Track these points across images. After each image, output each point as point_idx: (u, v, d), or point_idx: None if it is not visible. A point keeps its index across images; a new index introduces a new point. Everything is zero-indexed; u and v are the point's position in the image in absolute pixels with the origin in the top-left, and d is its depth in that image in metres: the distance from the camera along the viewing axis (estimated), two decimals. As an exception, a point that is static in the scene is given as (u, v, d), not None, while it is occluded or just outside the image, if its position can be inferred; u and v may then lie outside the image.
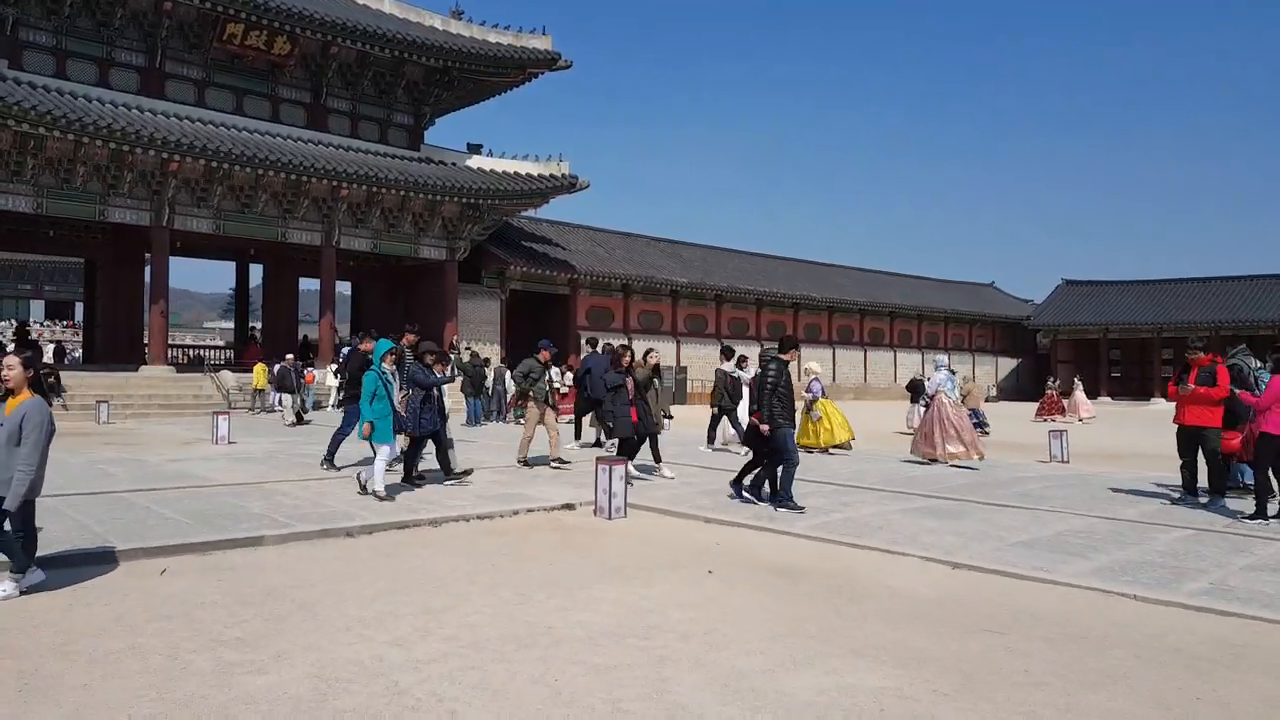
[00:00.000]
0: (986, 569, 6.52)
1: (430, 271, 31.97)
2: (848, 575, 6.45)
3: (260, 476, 10.46)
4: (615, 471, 8.88)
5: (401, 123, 31.16)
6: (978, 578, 6.40)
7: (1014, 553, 7.07)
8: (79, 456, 12.43)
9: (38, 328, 65.24)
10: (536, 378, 11.78)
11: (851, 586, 6.12)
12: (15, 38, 23.24)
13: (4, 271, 68.96)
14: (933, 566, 6.72)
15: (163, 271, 25.88)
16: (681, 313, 40.20)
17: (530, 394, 11.81)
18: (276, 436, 17.00)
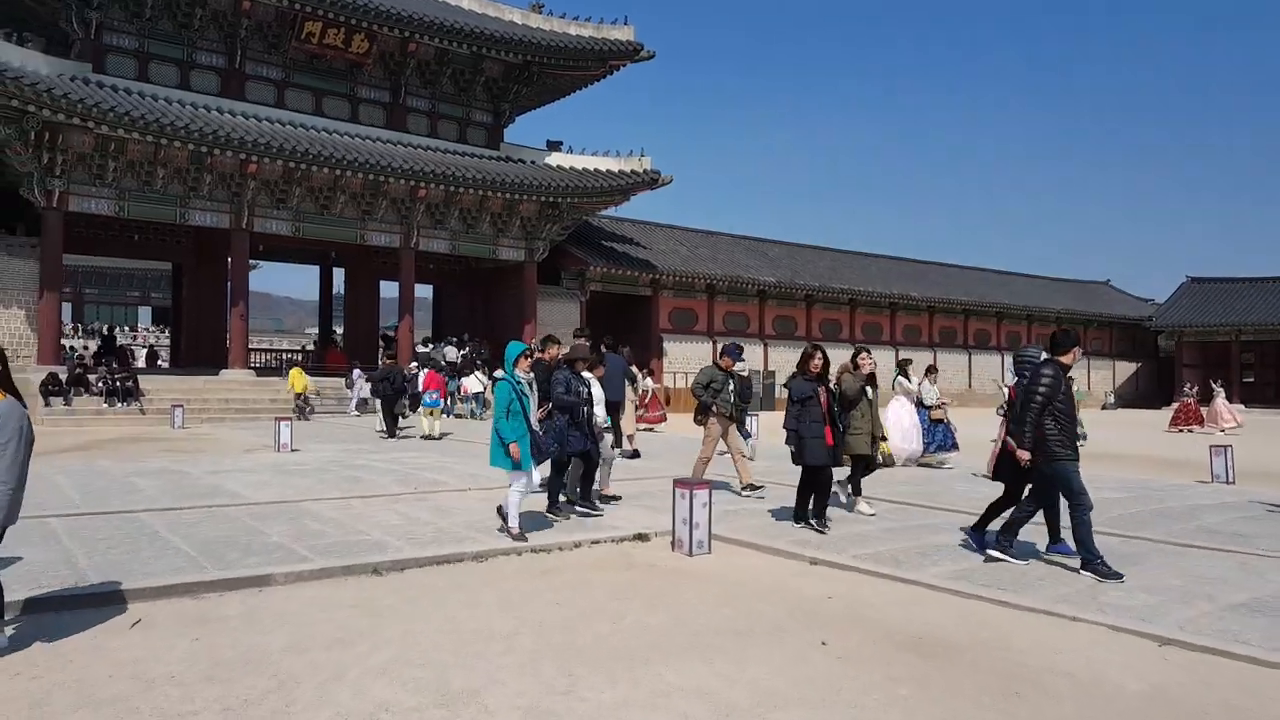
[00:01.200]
0: (1211, 648, 4.74)
1: (509, 273, 31.07)
2: (1008, 652, 4.78)
3: (300, 493, 9.36)
4: (697, 497, 7.37)
5: (480, 121, 30.38)
6: (1200, 661, 4.64)
7: (1238, 620, 5.25)
8: (126, 465, 11.67)
9: (143, 332, 67.80)
10: (719, 388, 10.03)
11: (1018, 672, 4.45)
12: (99, 42, 23.28)
13: (115, 279, 71.98)
14: (1127, 640, 4.97)
15: (242, 274, 25.64)
16: (769, 314, 38.33)
17: (714, 408, 9.97)
18: (346, 444, 16.11)
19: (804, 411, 8.06)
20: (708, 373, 10.24)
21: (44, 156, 21.39)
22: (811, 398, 8.08)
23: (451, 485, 10.25)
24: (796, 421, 8.06)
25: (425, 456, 13.57)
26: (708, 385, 10.07)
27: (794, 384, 8.25)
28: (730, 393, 10.09)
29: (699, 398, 10.16)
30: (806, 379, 8.22)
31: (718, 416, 10.00)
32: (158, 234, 28.38)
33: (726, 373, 10.16)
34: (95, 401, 20.58)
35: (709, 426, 10.10)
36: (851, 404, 8.78)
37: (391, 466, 11.86)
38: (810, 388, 8.15)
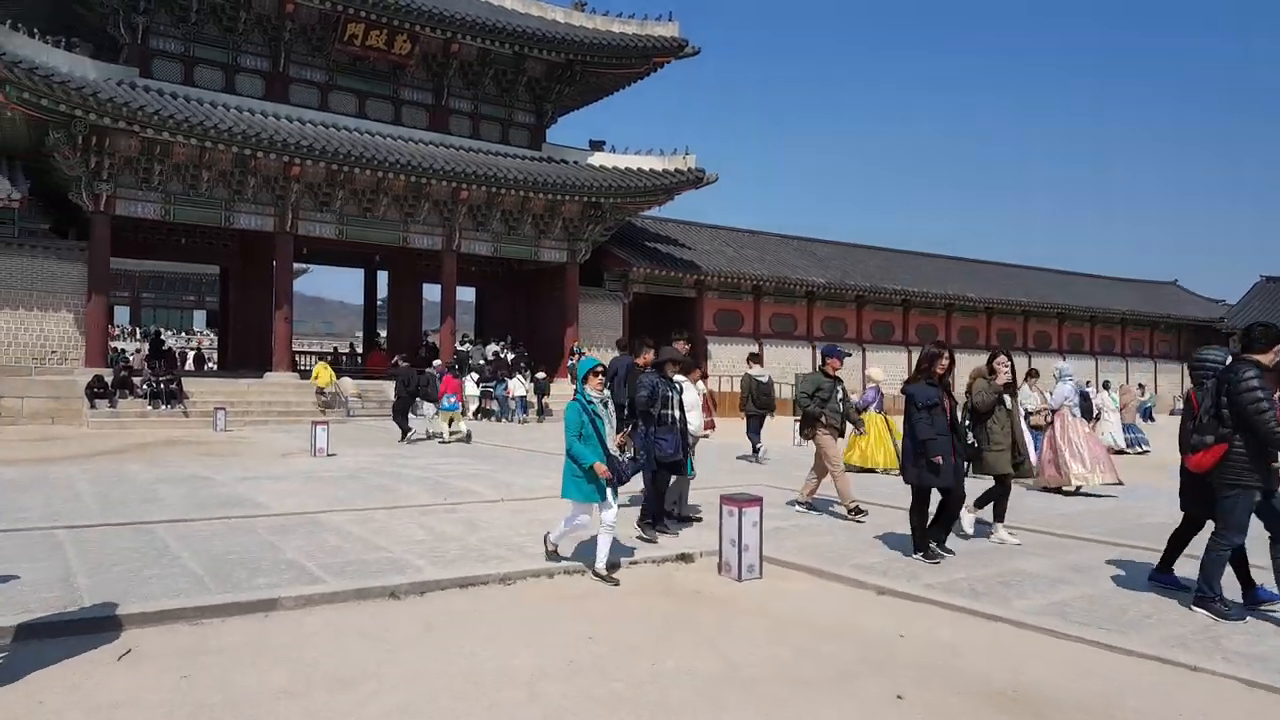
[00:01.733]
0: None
1: (551, 275, 30.62)
2: (1120, 712, 4.01)
3: (325, 503, 8.87)
4: (746, 516, 6.68)
5: (523, 122, 30.00)
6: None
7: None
8: (156, 471, 11.35)
9: (198, 335, 69.03)
10: (826, 396, 9.08)
11: (1140, 741, 3.70)
12: (145, 46, 23.36)
13: (171, 283, 73.46)
14: (1264, 698, 4.17)
15: (286, 277, 25.56)
16: (817, 315, 37.32)
17: (822, 419, 9.03)
18: (384, 449, 15.71)
19: (932, 421, 6.99)
20: (812, 380, 9.32)
21: (91, 160, 21.47)
22: (936, 405, 7.02)
23: (483, 495, 9.70)
24: (927, 432, 6.93)
25: (459, 463, 13.08)
26: (813, 394, 9.12)
27: (916, 389, 7.18)
28: (838, 402, 9.11)
29: (804, 408, 9.22)
30: (930, 383, 7.16)
31: (827, 428, 9.02)
32: (204, 237, 28.51)
33: (833, 379, 9.20)
34: (139, 404, 20.55)
35: (819, 439, 9.10)
36: (984, 416, 7.74)
37: (424, 474, 11.37)
38: (935, 394, 7.09)
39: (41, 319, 21.57)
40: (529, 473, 11.86)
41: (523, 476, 11.36)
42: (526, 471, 12.04)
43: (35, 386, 20.15)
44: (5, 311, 21.12)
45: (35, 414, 19.77)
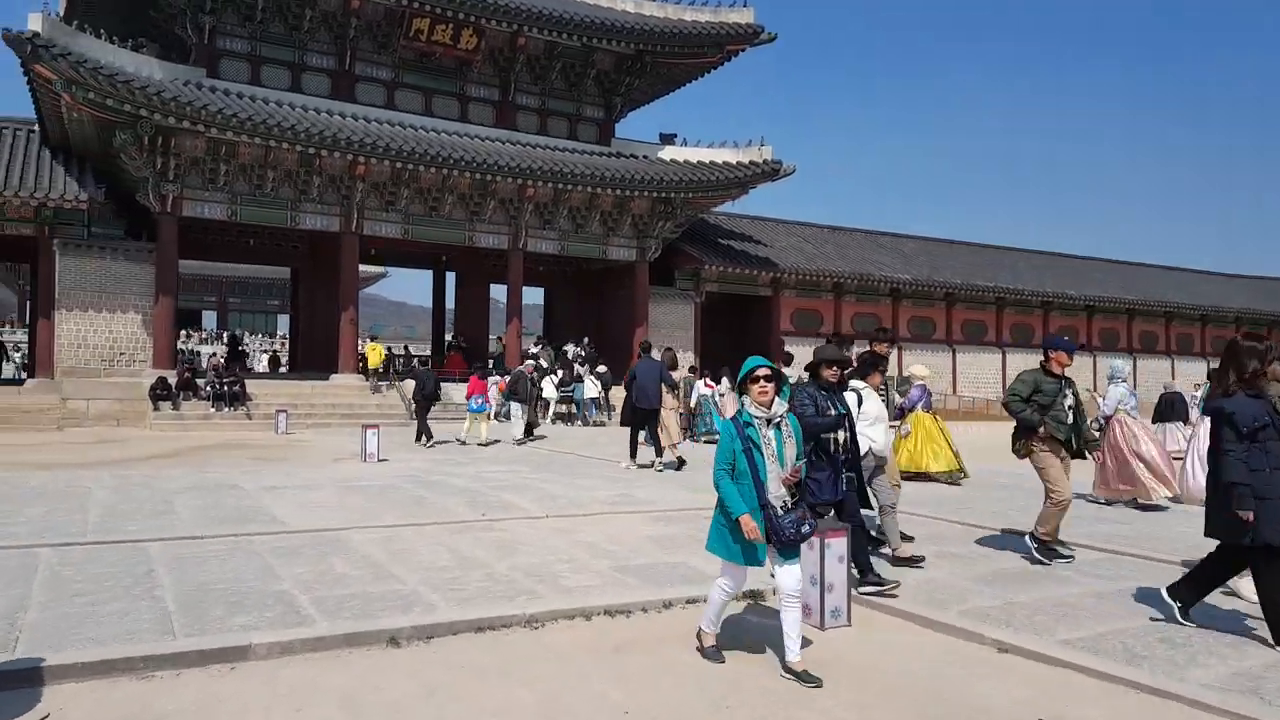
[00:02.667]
0: None
1: (620, 274, 29.63)
2: None
3: (349, 518, 7.94)
4: (830, 548, 5.43)
5: (591, 116, 29.10)
6: None
7: None
8: (191, 476, 10.68)
9: (280, 339, 70.63)
10: (1049, 401, 6.85)
11: None
12: (212, 46, 23.29)
13: (256, 287, 75.43)
14: None
15: (352, 277, 25.21)
16: (903, 315, 35.36)
17: (1041, 430, 6.80)
18: (440, 453, 14.90)
19: (1254, 453, 4.77)
20: (1030, 378, 6.97)
21: (157, 161, 21.42)
22: (1266, 426, 4.80)
23: (527, 510, 8.65)
24: (1249, 469, 4.74)
25: (510, 471, 12.09)
26: (1029, 397, 6.87)
27: (1236, 404, 4.89)
28: (1066, 409, 6.86)
29: (1018, 415, 6.91)
30: (1253, 394, 4.93)
31: (1047, 443, 6.81)
32: (273, 239, 28.48)
33: (1059, 378, 6.92)
34: (203, 406, 20.34)
35: (1036, 458, 6.87)
36: None
37: (469, 484, 10.41)
38: (1261, 409, 4.84)
39: (110, 321, 21.61)
40: (583, 483, 10.80)
41: (574, 488, 10.30)
42: (580, 481, 10.98)
43: (102, 388, 20.13)
44: (75, 314, 21.20)
45: (102, 416, 19.71)
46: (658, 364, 11.98)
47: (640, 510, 8.80)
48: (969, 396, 35.35)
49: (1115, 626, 5.15)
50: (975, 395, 35.62)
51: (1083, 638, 4.92)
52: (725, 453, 4.55)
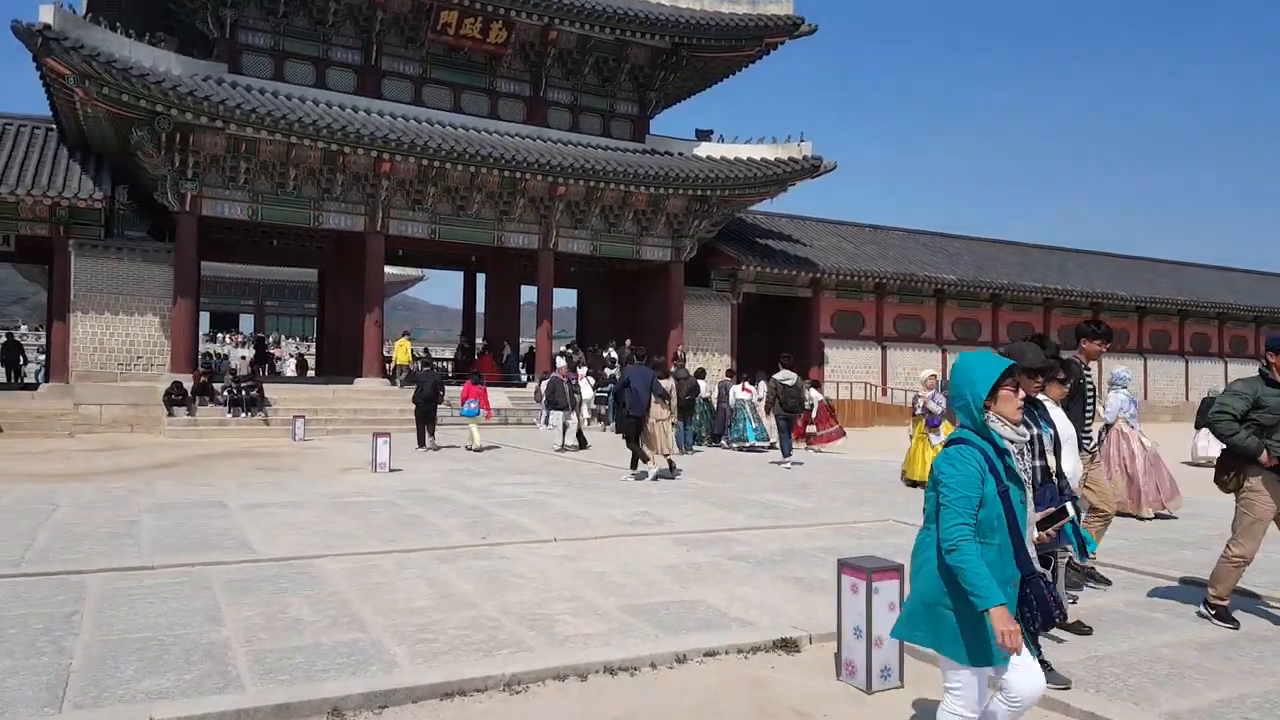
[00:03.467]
0: None
1: (653, 275, 28.60)
2: None
3: (328, 543, 7.00)
4: (879, 593, 4.35)
5: (625, 113, 28.13)
6: None
7: None
8: (180, 490, 9.87)
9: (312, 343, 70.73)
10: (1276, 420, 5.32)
11: None
12: (234, 41, 22.73)
13: (293, 290, 75.62)
14: None
15: (377, 279, 24.50)
16: (948, 316, 33.84)
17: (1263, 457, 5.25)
18: (455, 462, 13.99)
19: None
20: (1246, 390, 5.44)
21: (175, 159, 20.87)
22: None
23: (533, 532, 7.64)
24: None
25: (523, 484, 11.11)
26: (1245, 415, 5.33)
27: None
28: None
29: (1230, 439, 5.34)
30: None
31: (1266, 477, 5.28)
32: (298, 240, 27.92)
33: None
34: (220, 412, 19.69)
35: (1249, 499, 5.35)
36: None
37: (476, 500, 9.42)
38: None
39: (128, 323, 21.08)
40: (602, 498, 9.77)
41: (591, 504, 9.28)
42: (599, 496, 9.96)
43: (115, 393, 19.57)
44: (91, 316, 20.70)
45: (115, 421, 19.15)
46: (649, 372, 11.82)
47: (660, 532, 7.76)
48: (1019, 403, 33.70)
49: (1228, 693, 3.98)
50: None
51: (1191, 709, 3.76)
52: (965, 499, 2.94)
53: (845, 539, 7.68)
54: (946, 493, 2.99)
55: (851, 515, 9.05)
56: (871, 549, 7.25)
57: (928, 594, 3.06)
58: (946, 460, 3.06)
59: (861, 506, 9.73)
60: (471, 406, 16.33)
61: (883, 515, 9.08)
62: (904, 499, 10.56)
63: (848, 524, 8.47)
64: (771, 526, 8.19)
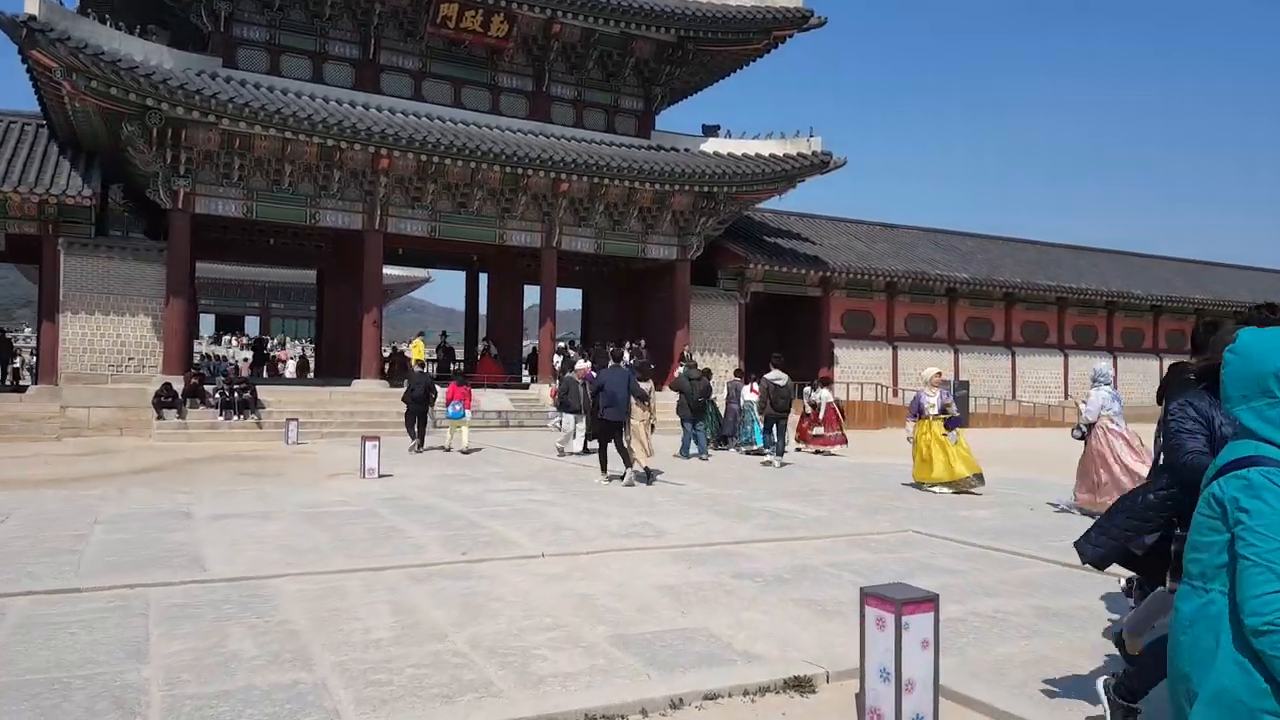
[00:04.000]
0: None
1: (659, 274, 27.97)
2: None
3: (287, 563, 6.36)
4: (910, 629, 3.69)
5: (630, 108, 27.49)
6: None
7: None
8: (149, 499, 9.26)
9: (321, 345, 70.28)
10: None
11: None
12: (229, 35, 22.19)
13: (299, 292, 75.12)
14: None
15: (375, 278, 23.92)
16: (960, 316, 33.08)
17: None
18: (451, 467, 13.38)
19: None
20: None
21: (168, 155, 20.34)
22: None
23: (520, 546, 7.00)
24: None
25: (516, 492, 10.48)
26: None
27: None
28: None
29: None
30: None
31: None
32: (295, 239, 27.36)
33: None
34: (211, 415, 19.12)
35: None
36: None
37: (462, 509, 8.79)
38: None
39: (119, 324, 20.56)
40: (599, 507, 9.13)
41: (587, 513, 8.63)
42: (597, 505, 9.31)
43: (104, 395, 19.04)
44: (81, 316, 20.18)
45: (103, 425, 18.61)
46: (626, 373, 11.50)
47: (659, 545, 7.10)
48: (1029, 401, 32.98)
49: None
50: (1035, 400, 33.21)
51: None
52: None
53: (861, 553, 7.03)
54: (1256, 541, 1.98)
55: (867, 525, 8.39)
56: (891, 565, 6.60)
57: (1230, 694, 2.01)
58: (1250, 492, 2.04)
59: (877, 515, 9.06)
60: (457, 408, 16.20)
61: (900, 525, 8.42)
62: (920, 505, 9.89)
63: (863, 535, 7.80)
64: (781, 539, 7.53)
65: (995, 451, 18.53)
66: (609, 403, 10.98)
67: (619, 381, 11.07)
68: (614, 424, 11.08)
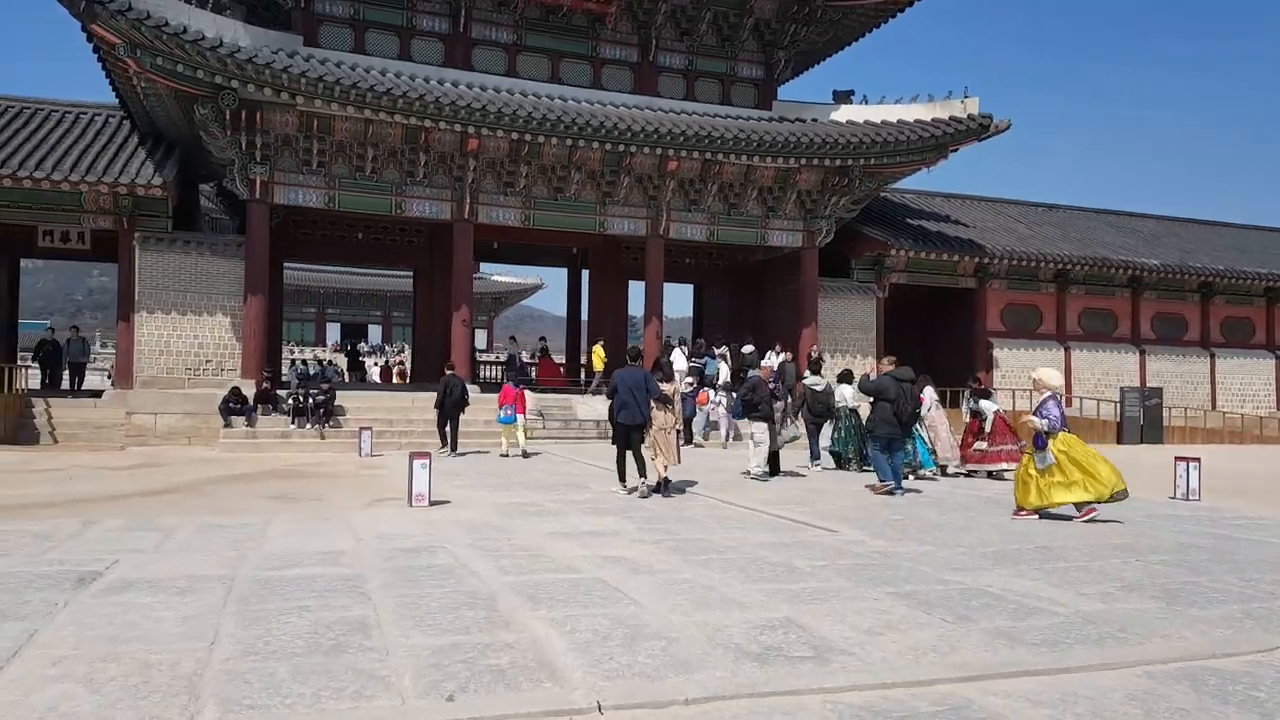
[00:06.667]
0: None
1: (781, 265, 24.69)
2: None
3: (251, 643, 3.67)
4: None
5: (748, 76, 24.34)
6: None
7: None
8: (116, 536, 6.88)
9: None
10: None
11: None
12: (310, 10, 20.46)
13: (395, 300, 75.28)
14: None
15: (465, 272, 21.76)
16: (1146, 310, 28.15)
17: None
18: (521, 493, 10.72)
19: None
20: None
21: (243, 140, 18.69)
22: None
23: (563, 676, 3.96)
24: None
25: (600, 539, 7.59)
26: None
27: None
28: None
29: None
30: None
31: None
32: (387, 234, 25.55)
33: None
34: (283, 422, 17.24)
35: None
36: None
37: (495, 579, 5.84)
38: None
39: (196, 324, 19.05)
40: (709, 576, 6.04)
41: (685, 595, 5.49)
42: (704, 569, 6.25)
43: (172, 401, 17.45)
44: (157, 316, 18.75)
45: (170, 433, 17.01)
46: (642, 373, 10.72)
47: (821, 689, 3.90)
48: (1234, 412, 27.66)
49: None
50: (1242, 410, 27.86)
51: None
52: None
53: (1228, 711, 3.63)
54: None
55: (1190, 632, 4.88)
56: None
57: None
58: None
59: (1207, 605, 5.38)
60: (507, 413, 15.67)
61: (1236, 624, 4.92)
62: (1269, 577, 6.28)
63: (1203, 662, 4.35)
64: (1049, 670, 4.15)
65: (1226, 474, 14.36)
66: (622, 407, 10.34)
67: (634, 385, 10.35)
68: (630, 428, 10.42)
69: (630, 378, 10.42)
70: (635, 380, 10.38)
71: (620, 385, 10.42)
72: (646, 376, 10.60)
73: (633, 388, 10.31)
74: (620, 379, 10.51)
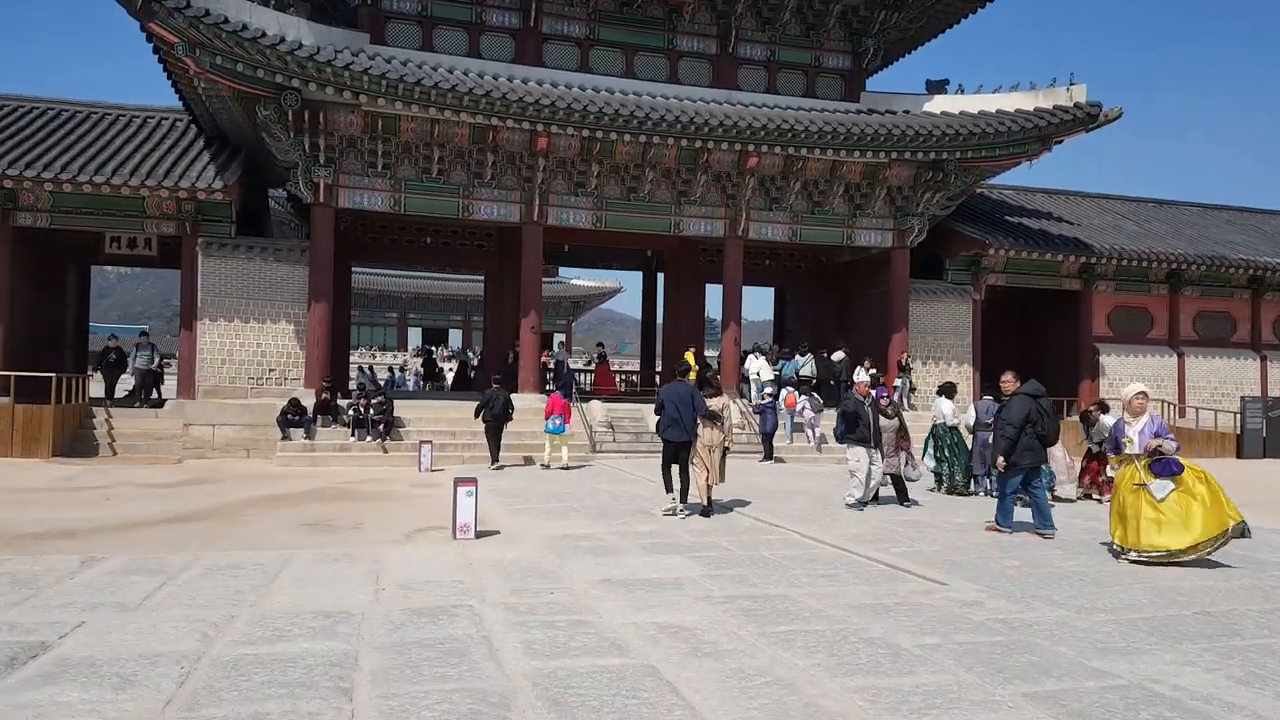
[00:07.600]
0: None
1: (868, 267, 23.13)
2: None
3: None
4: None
5: (834, 67, 22.86)
6: None
7: None
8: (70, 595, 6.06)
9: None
10: None
11: None
12: (377, 8, 19.87)
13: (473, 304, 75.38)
14: None
15: (534, 275, 20.88)
16: (1268, 313, 25.57)
17: None
18: (583, 521, 9.71)
19: None
20: None
21: (306, 142, 18.20)
22: None
23: None
24: None
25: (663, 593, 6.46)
26: None
27: None
28: None
29: None
30: None
31: None
32: (457, 238, 24.91)
33: None
34: (343, 435, 16.62)
35: None
36: None
37: (517, 662, 4.76)
38: None
39: (259, 332, 18.63)
40: (793, 663, 4.82)
41: (763, 692, 4.32)
42: (783, 649, 5.03)
43: (230, 412, 17.00)
44: (220, 323, 18.39)
45: (229, 445, 16.57)
46: (688, 388, 10.37)
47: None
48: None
49: None
50: None
51: None
52: None
53: None
54: None
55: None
56: None
57: None
58: None
59: None
60: (556, 423, 15.39)
61: None
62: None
63: None
64: None
65: None
66: (669, 423, 10.09)
67: (680, 400, 10.04)
68: (678, 446, 10.15)
69: (676, 394, 10.19)
70: (682, 396, 10.13)
71: (666, 401, 10.21)
72: (693, 393, 10.28)
73: (679, 404, 10.06)
74: (666, 395, 10.32)
